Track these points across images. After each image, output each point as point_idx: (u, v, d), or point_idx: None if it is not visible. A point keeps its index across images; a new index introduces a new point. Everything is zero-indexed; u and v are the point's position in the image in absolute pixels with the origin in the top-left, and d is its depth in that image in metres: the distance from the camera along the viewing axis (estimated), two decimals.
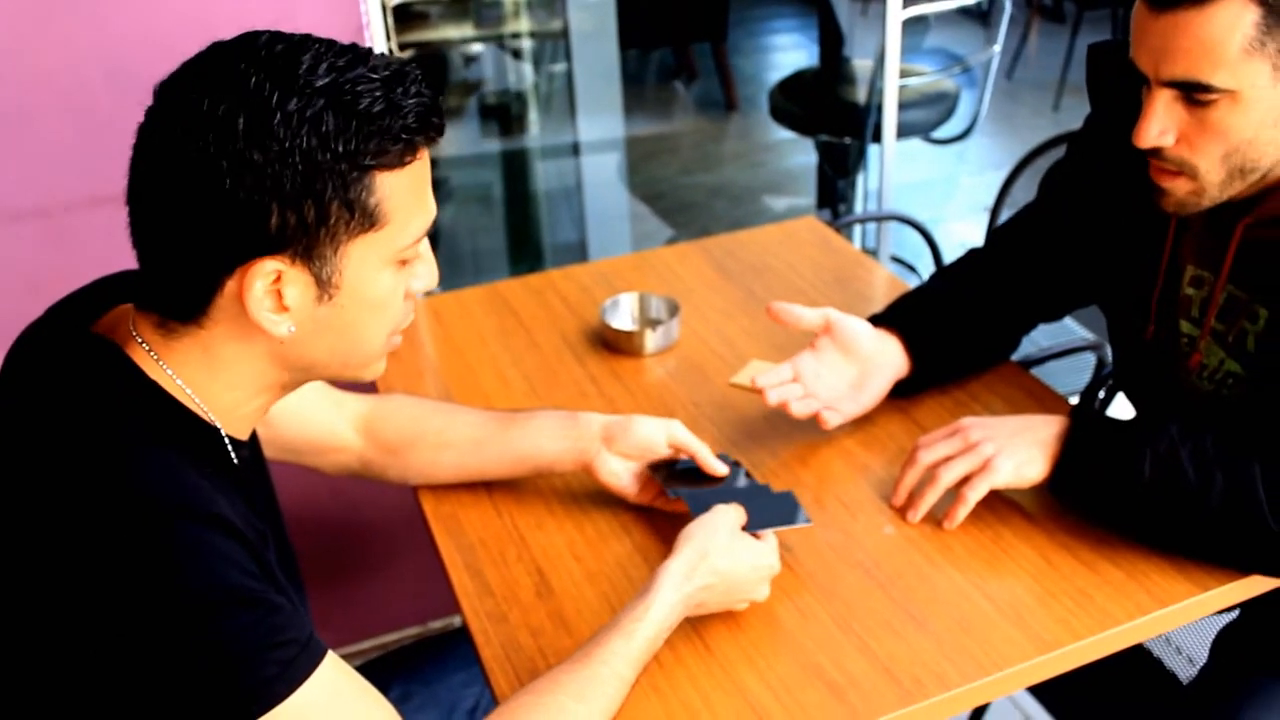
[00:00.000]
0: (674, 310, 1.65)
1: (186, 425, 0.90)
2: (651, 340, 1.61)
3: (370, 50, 0.86)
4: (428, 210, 0.90)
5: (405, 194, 0.87)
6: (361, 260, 0.87)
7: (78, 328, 0.93)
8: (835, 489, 1.31)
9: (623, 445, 1.27)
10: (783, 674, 1.07)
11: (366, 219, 0.85)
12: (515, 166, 3.00)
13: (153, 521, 0.79)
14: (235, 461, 0.94)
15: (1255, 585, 1.15)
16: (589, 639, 1.04)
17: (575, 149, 2.87)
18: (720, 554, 1.09)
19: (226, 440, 0.93)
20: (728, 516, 1.13)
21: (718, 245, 1.92)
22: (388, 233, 0.87)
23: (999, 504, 1.26)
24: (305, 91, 0.81)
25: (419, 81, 0.86)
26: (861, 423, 1.41)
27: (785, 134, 4.77)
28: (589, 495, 1.32)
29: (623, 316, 1.68)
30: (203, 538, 0.80)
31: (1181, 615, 1.13)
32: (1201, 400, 1.30)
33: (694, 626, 1.12)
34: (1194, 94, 1.08)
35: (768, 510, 1.20)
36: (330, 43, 0.85)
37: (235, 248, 0.83)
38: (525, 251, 3.05)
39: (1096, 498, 1.19)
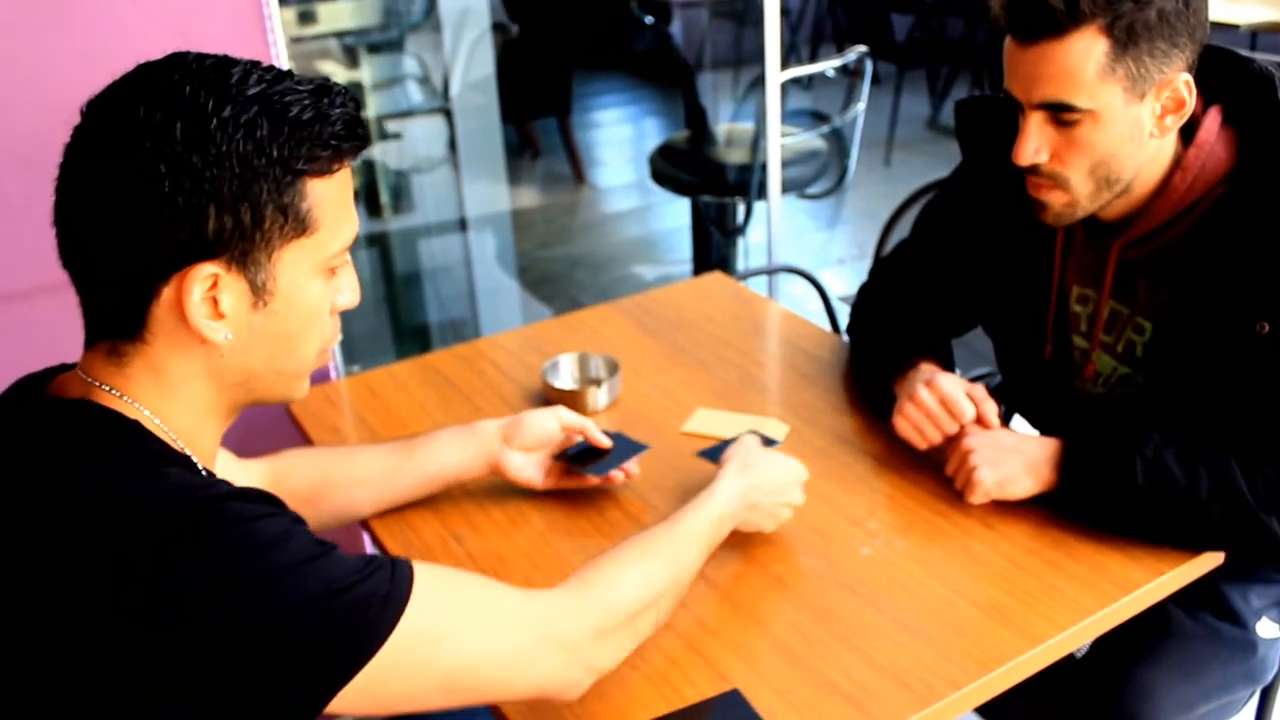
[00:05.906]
0: (614, 368, 1.69)
1: (170, 454, 0.91)
2: (596, 398, 1.65)
3: (291, 70, 0.91)
4: (354, 220, 0.96)
5: (334, 202, 0.91)
6: (294, 266, 0.91)
7: (33, 395, 0.92)
8: (806, 519, 1.37)
9: (522, 440, 1.41)
10: (802, 694, 1.12)
11: (299, 224, 0.89)
12: (400, 245, 3.01)
13: (193, 506, 0.82)
14: None
15: (1201, 565, 1.27)
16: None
17: (462, 224, 2.90)
18: (761, 460, 1.31)
19: (204, 471, 0.94)
20: (752, 438, 1.37)
21: (634, 305, 1.98)
22: (318, 239, 0.91)
23: (960, 518, 1.35)
24: (238, 100, 0.85)
25: (343, 94, 0.91)
26: (817, 456, 1.49)
27: (633, 203, 4.91)
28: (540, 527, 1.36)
29: (564, 377, 1.71)
30: (246, 508, 0.84)
31: (1145, 599, 1.23)
32: (1096, 403, 1.43)
33: (710, 660, 1.16)
34: (1060, 114, 1.25)
35: (624, 453, 1.45)
36: (254, 61, 0.89)
37: (173, 252, 0.86)
38: (414, 332, 3.05)
39: (1100, 507, 1.29)
